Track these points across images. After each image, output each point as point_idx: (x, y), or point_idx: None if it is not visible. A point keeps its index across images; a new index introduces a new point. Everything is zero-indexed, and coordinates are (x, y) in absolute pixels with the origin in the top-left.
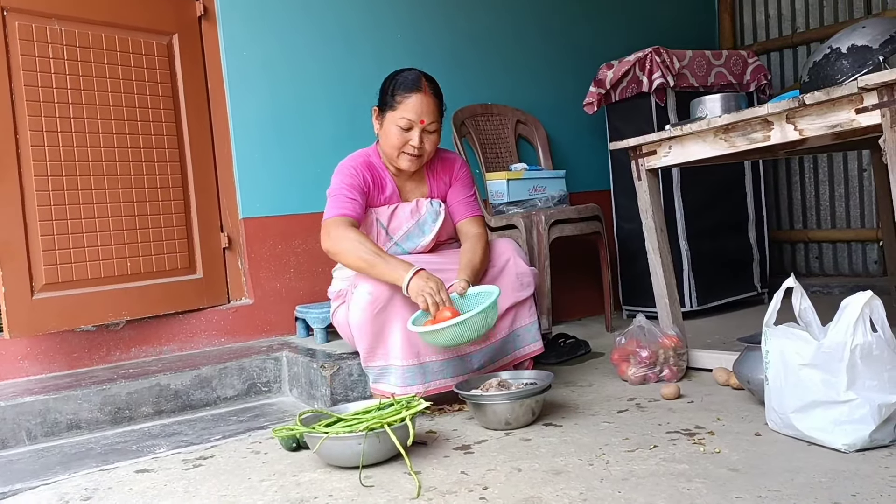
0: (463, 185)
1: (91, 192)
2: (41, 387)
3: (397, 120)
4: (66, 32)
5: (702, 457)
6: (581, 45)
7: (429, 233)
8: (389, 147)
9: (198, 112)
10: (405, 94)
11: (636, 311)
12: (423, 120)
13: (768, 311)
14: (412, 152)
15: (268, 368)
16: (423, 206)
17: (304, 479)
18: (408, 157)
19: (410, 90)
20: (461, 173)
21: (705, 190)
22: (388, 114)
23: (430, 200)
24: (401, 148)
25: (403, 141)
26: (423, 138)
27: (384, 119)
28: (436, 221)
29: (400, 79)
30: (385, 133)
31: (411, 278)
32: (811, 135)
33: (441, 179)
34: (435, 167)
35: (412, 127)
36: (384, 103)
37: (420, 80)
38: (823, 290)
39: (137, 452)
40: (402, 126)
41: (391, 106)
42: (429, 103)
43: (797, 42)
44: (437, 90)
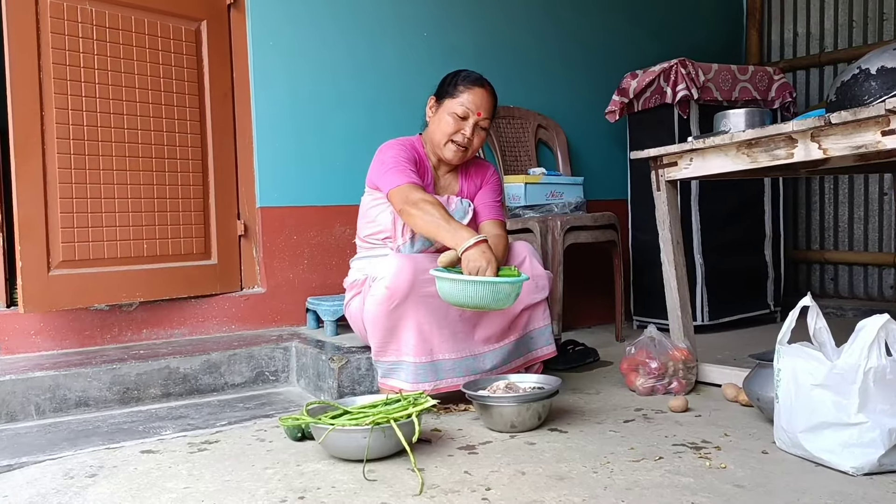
0: (492, 190)
1: (112, 172)
2: (52, 363)
3: (456, 107)
4: (97, 13)
5: (707, 471)
6: (606, 53)
7: None
8: (441, 133)
9: (222, 99)
10: (469, 86)
11: (647, 322)
12: (481, 112)
13: (783, 329)
14: (461, 141)
15: (276, 357)
16: (454, 203)
17: (307, 469)
18: (454, 147)
19: (474, 83)
20: (492, 179)
21: (723, 205)
22: (446, 101)
23: (461, 199)
24: (451, 135)
25: (456, 129)
26: (475, 132)
27: (441, 106)
28: (463, 219)
29: (464, 73)
30: (438, 120)
31: (469, 247)
32: (835, 154)
33: (473, 181)
34: (469, 169)
35: (468, 116)
36: (444, 92)
37: (483, 78)
38: (837, 311)
39: (143, 433)
40: (458, 113)
41: (451, 94)
42: (488, 100)
43: (824, 62)
44: (495, 92)
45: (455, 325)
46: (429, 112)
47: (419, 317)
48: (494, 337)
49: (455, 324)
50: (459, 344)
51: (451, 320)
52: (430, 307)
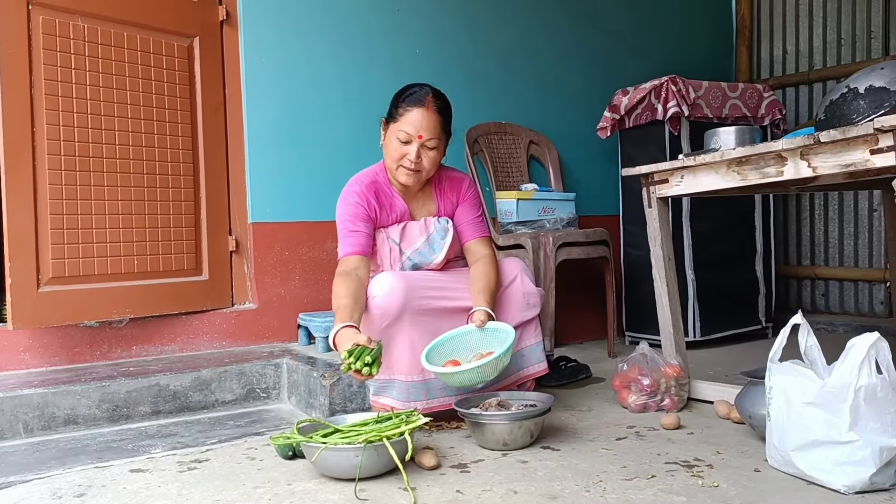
0: (471, 206)
1: (103, 188)
2: (41, 380)
3: (397, 132)
4: (89, 29)
5: (699, 490)
6: (597, 69)
7: (439, 251)
8: (389, 158)
9: (214, 115)
10: (407, 108)
11: (639, 338)
12: (422, 135)
13: (773, 347)
14: (409, 166)
15: (268, 374)
16: (432, 225)
17: (298, 488)
18: (405, 171)
19: (413, 104)
20: (469, 193)
21: (715, 221)
22: (390, 125)
23: (438, 219)
24: (398, 161)
25: (401, 154)
26: (421, 154)
27: (387, 130)
28: (444, 239)
29: (407, 92)
30: (386, 145)
31: (339, 330)
32: (824, 172)
33: (448, 199)
34: (443, 186)
35: (411, 140)
36: (390, 115)
37: (426, 95)
38: (828, 327)
39: (133, 451)
40: (400, 139)
41: (394, 118)
42: (430, 119)
43: (813, 79)
44: (442, 107)
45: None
46: (381, 134)
47: (412, 335)
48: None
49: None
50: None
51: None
52: (422, 326)
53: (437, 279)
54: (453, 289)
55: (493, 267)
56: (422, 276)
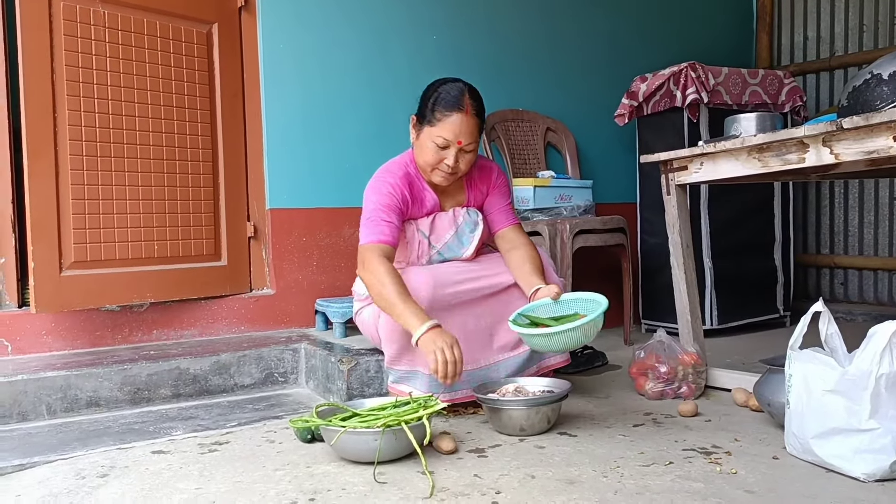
0: (501, 194)
1: (123, 173)
2: (63, 363)
3: (434, 137)
4: (109, 15)
5: (718, 476)
6: (615, 56)
7: (468, 244)
8: (423, 161)
9: (232, 101)
10: (446, 112)
11: (655, 326)
12: (461, 140)
13: (794, 335)
14: (446, 171)
15: (286, 359)
16: (461, 216)
17: (317, 470)
18: (441, 175)
19: (452, 108)
20: (499, 182)
21: (733, 209)
22: (425, 128)
23: (468, 210)
24: (435, 165)
25: (438, 159)
26: (459, 158)
27: (421, 132)
28: (474, 232)
29: (442, 92)
30: (420, 146)
31: (424, 333)
32: (847, 159)
33: (478, 189)
34: (472, 176)
35: (449, 146)
36: (423, 116)
37: (463, 97)
38: (847, 316)
39: (154, 433)
40: (438, 144)
41: (430, 121)
42: (469, 124)
43: (835, 66)
44: (479, 108)
45: (472, 336)
46: (412, 132)
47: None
48: (510, 345)
49: (472, 335)
50: (475, 354)
51: (468, 331)
52: (448, 321)
53: (466, 268)
54: (485, 271)
55: (536, 252)
56: (449, 267)
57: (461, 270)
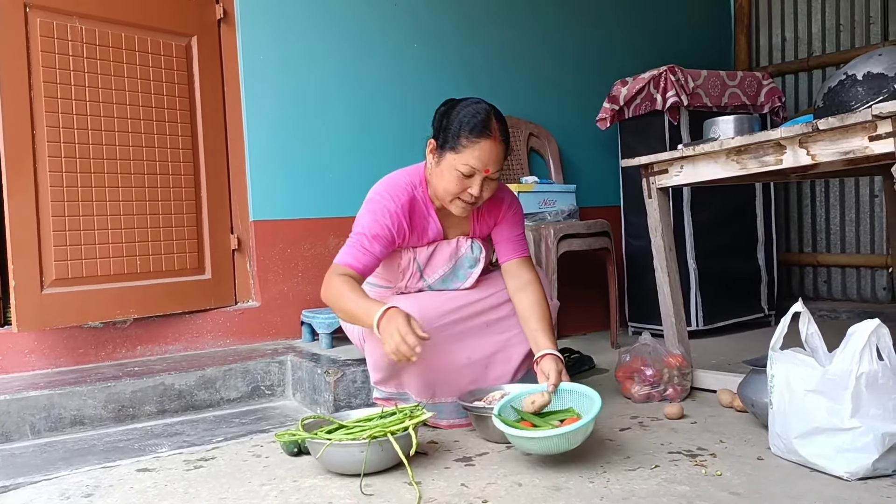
0: (512, 224)
1: (104, 189)
2: (46, 381)
3: (459, 165)
4: (87, 31)
5: (703, 479)
6: (596, 60)
7: (464, 279)
8: (443, 190)
9: (213, 114)
10: (473, 139)
11: (642, 329)
12: (489, 169)
13: (775, 336)
14: (469, 200)
15: (272, 372)
16: (463, 248)
17: (304, 484)
18: (462, 204)
19: (480, 135)
20: (509, 213)
21: (716, 210)
22: (448, 154)
23: (472, 243)
24: (457, 194)
25: (462, 188)
26: (484, 186)
27: (442, 158)
28: (473, 268)
29: (466, 116)
30: (440, 174)
31: (381, 316)
32: (823, 160)
33: (485, 221)
34: (481, 207)
35: (474, 174)
36: (445, 141)
37: (490, 121)
38: (831, 314)
39: (139, 451)
40: (463, 172)
41: (454, 147)
42: (497, 151)
43: (812, 66)
44: (505, 132)
45: (464, 370)
46: (429, 157)
47: (424, 364)
48: (506, 377)
49: (465, 369)
50: (470, 388)
51: (461, 366)
52: (436, 353)
53: (457, 297)
54: (480, 301)
55: (543, 294)
56: (437, 298)
57: (451, 299)
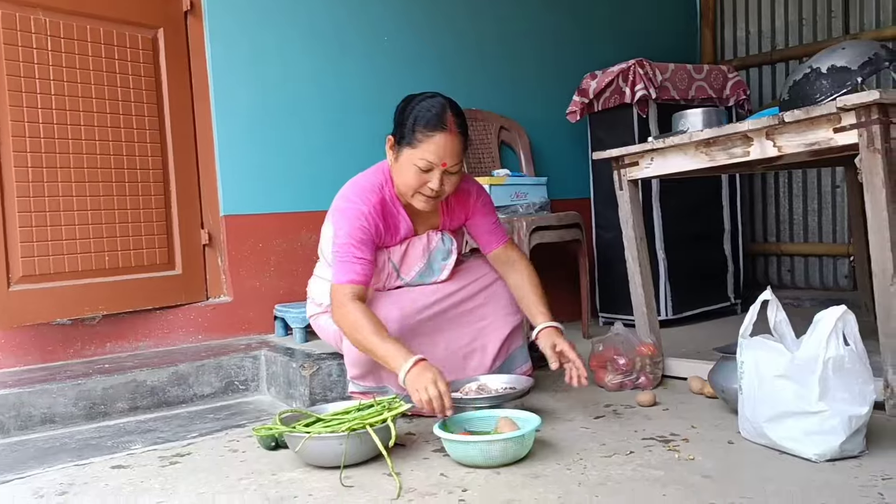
0: (484, 214)
1: (71, 184)
2: (15, 380)
3: (416, 160)
4: (51, 23)
5: (677, 463)
6: (565, 54)
7: (438, 272)
8: (404, 185)
9: (181, 107)
10: (427, 133)
11: (613, 319)
12: (446, 162)
13: (744, 323)
14: (429, 194)
15: (246, 367)
16: (434, 241)
17: (283, 478)
18: (423, 199)
19: (434, 128)
20: (479, 202)
21: (683, 201)
22: (405, 150)
23: (442, 236)
24: (417, 189)
25: (421, 182)
26: (444, 180)
27: (400, 154)
28: (446, 260)
29: (422, 110)
30: (400, 170)
31: (408, 371)
32: (789, 151)
33: (455, 214)
34: (449, 200)
35: (432, 168)
36: (401, 136)
37: (445, 114)
38: (794, 302)
39: (112, 448)
40: (420, 167)
41: (410, 142)
42: (454, 143)
43: (776, 59)
44: (463, 125)
45: (443, 361)
46: (389, 153)
47: None
48: (484, 366)
49: (443, 360)
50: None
51: (439, 358)
52: (415, 346)
53: (433, 291)
54: (455, 293)
55: (532, 269)
56: (416, 294)
57: (427, 294)
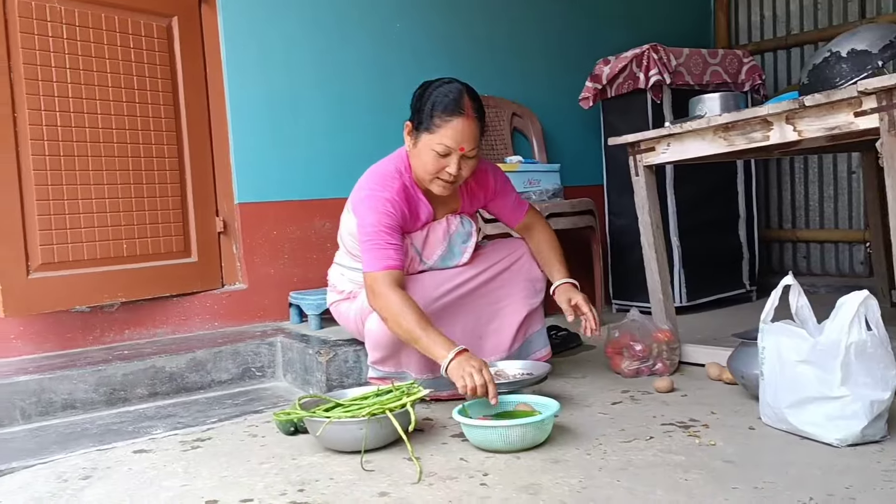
0: (504, 194)
1: (88, 172)
2: (35, 366)
3: (434, 145)
4: (66, 11)
5: (697, 449)
6: (578, 40)
7: (459, 255)
8: (422, 171)
9: (196, 96)
10: (445, 118)
11: (626, 306)
12: (464, 147)
13: (766, 308)
14: (448, 179)
15: (262, 353)
16: (454, 225)
17: (303, 462)
18: (441, 184)
19: (452, 113)
20: (498, 184)
21: (698, 187)
22: (423, 135)
23: (461, 219)
24: (435, 174)
25: (439, 167)
26: (462, 165)
27: (418, 140)
28: (466, 243)
29: (439, 96)
30: (418, 155)
31: (451, 361)
32: (809, 136)
33: (475, 196)
34: (468, 181)
35: (450, 153)
36: (419, 121)
37: (462, 99)
38: (810, 289)
39: (134, 433)
40: (438, 152)
41: (428, 128)
42: (471, 128)
43: (791, 43)
44: (480, 109)
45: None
46: (407, 139)
47: None
48: (501, 347)
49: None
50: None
51: (456, 339)
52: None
53: (452, 275)
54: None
55: (552, 232)
56: (434, 277)
57: (448, 278)
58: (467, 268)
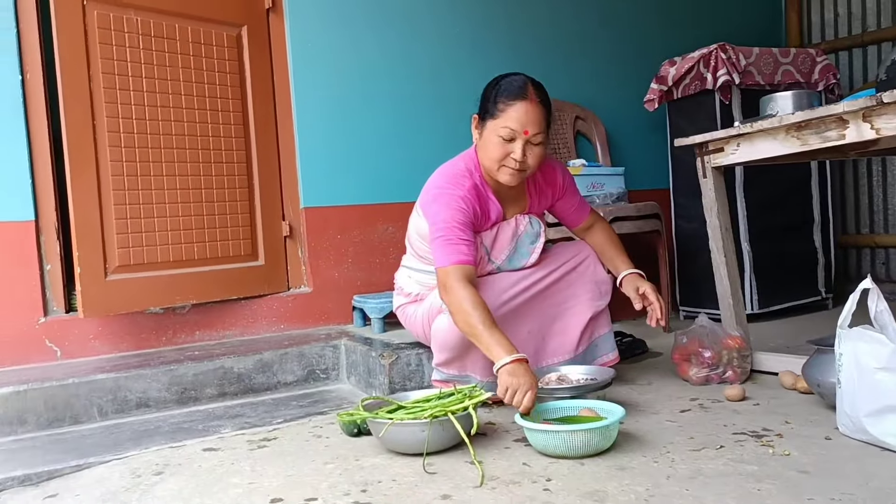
0: (570, 193)
1: (162, 178)
2: (112, 365)
3: (499, 129)
4: (142, 22)
5: (771, 458)
6: (642, 41)
7: (527, 255)
8: (489, 159)
9: (263, 102)
10: (508, 102)
11: (694, 313)
12: (528, 130)
13: (843, 313)
14: (514, 166)
15: (326, 356)
16: (522, 225)
17: (366, 463)
18: (509, 171)
19: (515, 97)
20: (565, 183)
21: (769, 190)
22: (488, 122)
23: (530, 220)
24: (501, 161)
25: (504, 153)
26: (527, 151)
27: (484, 128)
28: (535, 244)
29: (503, 84)
30: (485, 143)
31: (505, 364)
32: (887, 134)
33: (544, 194)
34: (537, 179)
35: (515, 138)
36: (485, 111)
37: (526, 85)
38: (890, 296)
39: (203, 432)
40: (503, 136)
41: (492, 114)
42: (535, 112)
43: (867, 41)
44: (544, 98)
45: (524, 344)
46: (474, 133)
47: None
48: (565, 348)
49: (524, 343)
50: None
51: (521, 340)
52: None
53: (518, 277)
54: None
55: (612, 230)
56: (501, 280)
57: (515, 281)
58: (534, 270)
